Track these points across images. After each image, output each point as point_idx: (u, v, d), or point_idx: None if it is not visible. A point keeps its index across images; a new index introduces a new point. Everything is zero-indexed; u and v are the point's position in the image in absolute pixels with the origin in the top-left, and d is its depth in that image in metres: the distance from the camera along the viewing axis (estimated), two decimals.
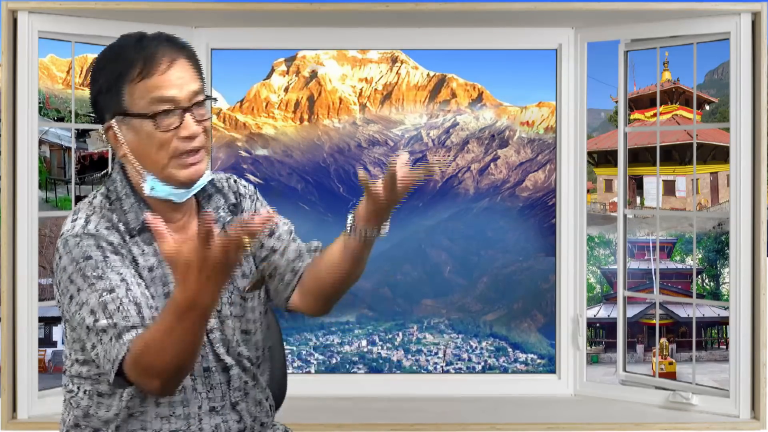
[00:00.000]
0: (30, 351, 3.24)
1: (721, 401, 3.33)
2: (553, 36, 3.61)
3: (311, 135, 4.09)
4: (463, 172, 4.06)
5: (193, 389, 1.83)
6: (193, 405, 1.83)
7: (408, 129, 4.09)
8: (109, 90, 1.77)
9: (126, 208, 1.81)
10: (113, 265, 1.70)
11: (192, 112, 1.76)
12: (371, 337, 3.92)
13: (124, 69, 1.75)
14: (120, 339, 1.63)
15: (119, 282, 1.68)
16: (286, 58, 4.09)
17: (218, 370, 1.86)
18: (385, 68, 4.14)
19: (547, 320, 3.80)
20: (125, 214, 1.80)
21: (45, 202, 3.35)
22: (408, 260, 4.02)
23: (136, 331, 1.63)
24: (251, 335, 1.93)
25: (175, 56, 1.77)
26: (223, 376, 1.87)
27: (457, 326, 3.94)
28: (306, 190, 3.98)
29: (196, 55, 1.84)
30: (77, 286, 1.69)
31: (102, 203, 1.82)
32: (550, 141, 3.86)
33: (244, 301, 1.92)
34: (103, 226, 1.77)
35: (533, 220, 3.96)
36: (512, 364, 3.86)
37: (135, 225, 1.80)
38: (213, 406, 1.85)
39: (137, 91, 1.75)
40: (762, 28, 3.22)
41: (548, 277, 3.79)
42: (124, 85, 1.75)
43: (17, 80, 3.21)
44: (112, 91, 1.76)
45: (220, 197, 1.92)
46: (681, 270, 3.62)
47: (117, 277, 1.69)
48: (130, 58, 1.75)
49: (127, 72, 1.74)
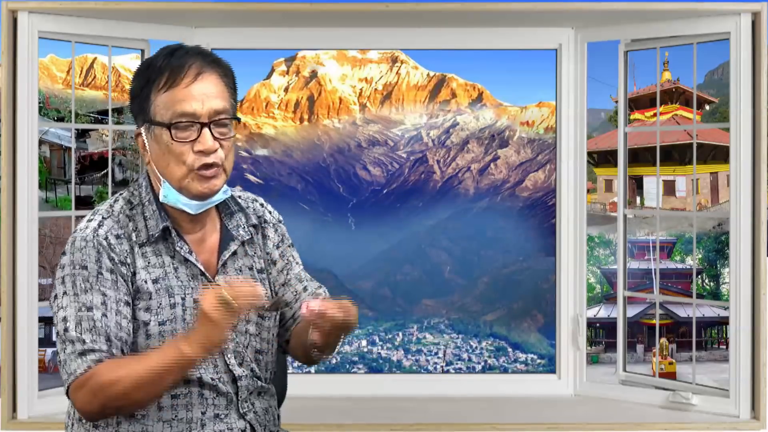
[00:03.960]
0: (30, 351, 3.24)
1: (721, 401, 3.33)
2: (553, 36, 3.61)
3: (311, 135, 4.09)
4: (463, 172, 4.06)
5: (199, 394, 1.83)
6: (197, 410, 1.83)
7: (408, 129, 4.10)
8: (140, 97, 1.80)
9: (147, 215, 1.83)
10: (102, 283, 1.74)
11: (211, 129, 1.77)
12: (371, 337, 3.92)
13: (152, 77, 1.78)
14: (83, 357, 1.70)
15: (99, 304, 1.73)
16: (286, 58, 4.09)
17: (228, 380, 1.86)
18: (385, 68, 4.14)
19: (547, 320, 3.80)
20: (146, 220, 1.83)
21: (45, 202, 3.35)
22: (408, 260, 4.02)
23: (100, 354, 1.70)
24: (264, 355, 1.94)
25: (204, 70, 1.79)
26: (232, 386, 1.87)
27: (457, 326, 3.94)
28: (306, 190, 3.98)
29: (231, 73, 1.85)
30: (64, 290, 1.76)
31: (122, 208, 1.84)
32: (550, 141, 3.86)
33: (261, 319, 1.93)
34: (114, 234, 1.79)
35: (533, 220, 3.96)
36: (512, 364, 3.86)
37: (154, 232, 1.82)
38: (217, 413, 1.85)
39: (161, 101, 1.77)
40: (762, 28, 3.22)
41: (548, 277, 3.79)
42: (152, 93, 1.78)
43: (17, 80, 3.21)
44: (141, 98, 1.80)
45: (242, 216, 1.94)
46: (681, 270, 3.62)
47: (99, 298, 1.73)
48: (160, 67, 1.78)
49: (155, 80, 1.78)
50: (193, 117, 1.77)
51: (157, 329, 1.79)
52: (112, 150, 3.47)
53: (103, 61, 3.52)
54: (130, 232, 1.81)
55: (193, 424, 1.82)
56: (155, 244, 1.82)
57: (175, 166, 1.79)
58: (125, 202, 1.86)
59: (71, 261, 1.76)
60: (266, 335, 1.94)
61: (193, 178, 1.79)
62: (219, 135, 1.79)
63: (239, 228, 1.92)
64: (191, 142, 1.77)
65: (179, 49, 1.80)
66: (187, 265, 1.84)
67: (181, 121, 1.76)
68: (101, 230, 1.79)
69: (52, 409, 3.21)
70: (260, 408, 1.92)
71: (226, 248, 1.89)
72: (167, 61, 1.78)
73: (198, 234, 1.88)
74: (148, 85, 1.78)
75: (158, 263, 1.82)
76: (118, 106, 3.48)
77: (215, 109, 1.78)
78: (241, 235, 1.91)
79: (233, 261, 1.91)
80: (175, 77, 1.77)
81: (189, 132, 1.77)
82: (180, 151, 1.77)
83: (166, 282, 1.81)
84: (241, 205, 1.95)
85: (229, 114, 1.81)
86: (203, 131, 1.77)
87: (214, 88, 1.79)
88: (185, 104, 1.76)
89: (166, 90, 1.77)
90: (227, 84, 1.82)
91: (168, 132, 1.77)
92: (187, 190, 1.80)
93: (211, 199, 1.83)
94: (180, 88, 1.77)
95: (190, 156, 1.77)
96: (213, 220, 1.91)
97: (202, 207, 1.83)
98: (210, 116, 1.77)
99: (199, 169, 1.78)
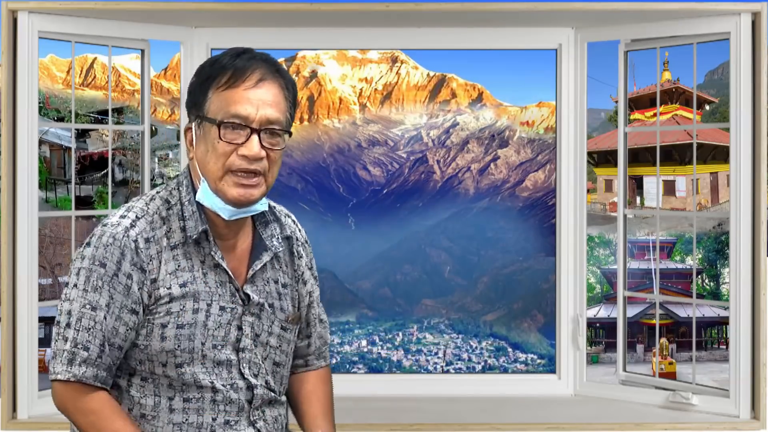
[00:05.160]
0: (30, 351, 3.24)
1: (721, 401, 3.33)
2: (553, 36, 3.61)
3: (311, 135, 4.09)
4: (463, 172, 4.06)
5: (211, 400, 1.82)
6: (208, 415, 1.82)
7: (408, 129, 4.10)
8: (197, 91, 1.79)
9: (186, 215, 1.81)
10: (115, 286, 1.74)
11: (261, 136, 1.76)
12: (371, 337, 3.92)
13: (214, 74, 1.77)
14: (71, 363, 1.72)
15: (104, 306, 1.73)
16: (286, 58, 4.09)
17: (242, 388, 1.85)
18: (385, 68, 4.14)
19: (547, 320, 3.80)
20: (184, 221, 1.81)
21: (45, 202, 3.35)
22: (408, 260, 4.03)
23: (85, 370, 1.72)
24: (281, 368, 1.94)
25: (266, 78, 1.77)
26: (245, 393, 1.86)
27: (457, 326, 3.95)
28: (306, 190, 3.98)
29: (294, 86, 1.84)
30: (76, 282, 1.75)
31: (158, 209, 1.82)
32: (550, 141, 3.86)
33: (284, 332, 1.92)
34: (144, 237, 1.77)
35: (533, 220, 3.96)
36: (512, 364, 3.86)
37: (192, 233, 1.80)
38: (228, 420, 1.84)
39: (218, 99, 1.76)
40: (762, 28, 3.22)
41: (548, 277, 3.79)
42: (210, 89, 1.77)
43: (17, 80, 3.21)
44: (199, 92, 1.79)
45: (277, 226, 1.92)
46: (681, 270, 3.62)
47: (106, 299, 1.73)
48: (224, 65, 1.77)
49: (216, 78, 1.77)
50: (245, 120, 1.75)
51: (174, 332, 1.77)
52: (112, 150, 3.47)
53: (103, 61, 3.52)
54: (161, 236, 1.79)
55: (203, 429, 1.82)
56: (187, 246, 1.80)
57: (215, 164, 1.76)
58: (162, 201, 1.83)
59: (92, 255, 1.75)
60: (286, 348, 1.93)
61: (229, 181, 1.76)
62: (268, 145, 1.77)
63: (273, 239, 1.89)
64: (237, 144, 1.75)
65: (247, 51, 1.79)
66: (217, 271, 1.82)
67: (232, 121, 1.74)
68: (132, 231, 1.76)
69: (52, 409, 3.18)
70: (270, 417, 1.91)
71: (257, 257, 1.87)
72: (232, 61, 1.77)
73: (231, 240, 1.85)
74: (208, 81, 1.77)
75: (188, 267, 1.80)
76: (118, 106, 3.48)
77: (269, 117, 1.76)
78: (275, 246, 1.89)
79: (262, 272, 1.89)
80: (237, 78, 1.75)
81: (238, 134, 1.75)
82: (224, 150, 1.75)
83: (194, 287, 1.79)
84: (277, 215, 1.93)
85: (283, 126, 1.79)
86: (252, 137, 1.75)
87: (273, 97, 1.77)
88: (240, 106, 1.75)
89: (225, 89, 1.76)
90: (286, 97, 1.80)
91: (217, 129, 1.75)
92: (223, 192, 1.77)
93: (247, 209, 1.81)
94: (239, 89, 1.75)
95: (233, 157, 1.75)
96: (247, 227, 1.88)
97: (236, 214, 1.81)
98: (262, 123, 1.76)
99: (239, 173, 1.76)
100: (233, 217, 1.81)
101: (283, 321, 1.91)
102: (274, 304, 1.89)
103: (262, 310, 1.87)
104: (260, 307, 1.86)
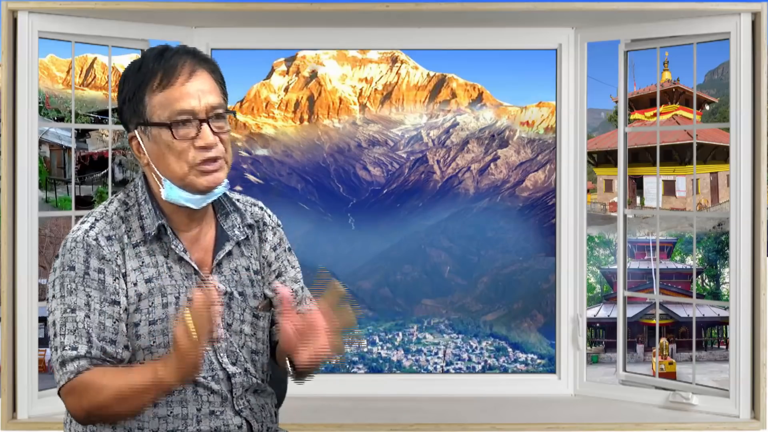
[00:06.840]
0: (30, 351, 3.24)
1: (721, 401, 3.33)
2: (553, 36, 3.61)
3: (311, 135, 4.09)
4: (463, 172, 4.06)
5: (193, 391, 1.84)
6: (192, 407, 1.84)
7: (408, 129, 4.10)
8: (132, 100, 1.81)
9: (144, 214, 1.85)
10: (88, 284, 1.77)
11: (210, 124, 1.80)
12: (371, 337, 3.92)
13: (145, 79, 1.80)
14: (63, 367, 1.73)
15: (83, 305, 1.76)
16: (286, 58, 4.09)
17: (222, 378, 1.87)
18: (385, 68, 4.14)
19: (547, 320, 3.80)
20: (142, 219, 1.85)
21: (45, 202, 3.35)
22: (408, 260, 4.02)
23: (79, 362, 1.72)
24: (259, 355, 1.95)
25: (196, 68, 1.81)
26: (226, 384, 1.88)
27: (457, 326, 3.94)
28: (306, 190, 3.97)
29: (219, 69, 1.88)
30: (53, 293, 1.79)
31: (116, 210, 1.86)
32: (550, 141, 3.86)
33: (256, 319, 1.94)
34: (105, 236, 1.81)
35: (533, 220, 3.96)
36: (512, 364, 3.86)
37: (150, 230, 1.83)
38: (212, 410, 1.86)
39: (158, 102, 1.79)
40: (762, 28, 3.22)
41: (548, 277, 3.79)
42: (146, 95, 1.80)
43: (17, 80, 3.21)
44: (134, 101, 1.81)
45: (237, 216, 1.95)
46: (681, 270, 3.62)
47: (84, 299, 1.76)
48: (152, 68, 1.80)
49: (149, 82, 1.79)
50: (192, 114, 1.79)
51: (147, 329, 1.80)
52: (112, 150, 3.47)
53: (103, 61, 3.52)
54: (122, 234, 1.83)
55: (188, 420, 1.84)
56: (149, 243, 1.84)
57: (176, 164, 1.80)
58: (120, 203, 1.88)
59: (61, 263, 1.79)
60: (261, 335, 1.95)
61: (196, 174, 1.80)
62: (217, 129, 1.81)
63: (234, 228, 1.93)
64: (192, 138, 1.79)
65: (167, 50, 1.83)
66: (182, 264, 1.86)
67: (180, 118, 1.78)
68: (92, 231, 1.81)
69: (52, 409, 3.21)
70: (256, 405, 1.93)
71: (221, 248, 1.90)
72: (158, 62, 1.80)
73: (193, 232, 1.89)
74: (141, 87, 1.80)
75: (152, 263, 1.83)
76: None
77: (211, 104, 1.81)
78: (236, 235, 1.93)
79: (229, 261, 1.92)
80: (170, 77, 1.79)
81: (188, 129, 1.79)
82: (181, 148, 1.79)
83: (160, 281, 1.83)
84: (237, 206, 1.96)
85: (223, 108, 1.84)
86: (203, 127, 1.79)
87: (208, 84, 1.82)
88: (183, 102, 1.78)
89: (162, 90, 1.79)
90: (217, 80, 1.85)
91: (168, 131, 1.78)
92: (192, 185, 1.81)
93: (213, 192, 1.84)
94: (176, 87, 1.79)
95: (192, 152, 1.79)
96: (209, 218, 1.92)
97: (204, 201, 1.85)
98: (207, 112, 1.80)
99: (202, 164, 1.80)
100: (203, 204, 1.85)
101: (255, 309, 1.93)
102: (245, 292, 1.92)
103: (232, 299, 1.90)
104: (229, 296, 1.89)
